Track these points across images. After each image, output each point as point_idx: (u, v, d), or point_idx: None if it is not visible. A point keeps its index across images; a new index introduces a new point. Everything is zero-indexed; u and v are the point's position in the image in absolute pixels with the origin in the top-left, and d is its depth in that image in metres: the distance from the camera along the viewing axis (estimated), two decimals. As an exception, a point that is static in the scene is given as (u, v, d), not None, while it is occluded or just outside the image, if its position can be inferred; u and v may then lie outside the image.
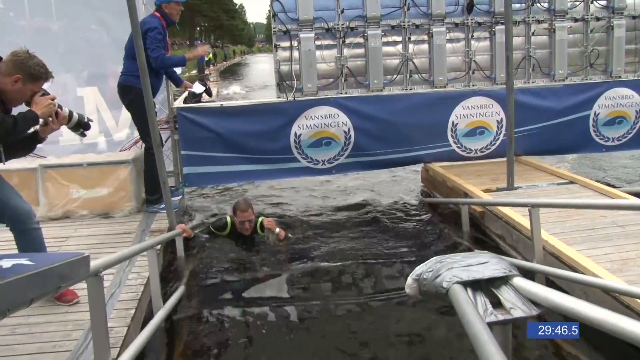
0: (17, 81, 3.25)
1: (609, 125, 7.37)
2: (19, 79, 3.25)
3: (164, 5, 5.78)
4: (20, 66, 3.24)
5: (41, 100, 3.43)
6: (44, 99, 3.44)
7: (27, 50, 3.32)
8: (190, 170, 6.47)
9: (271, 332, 3.99)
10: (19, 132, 3.36)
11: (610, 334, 1.39)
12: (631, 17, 7.36)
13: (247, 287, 4.76)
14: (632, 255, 4.21)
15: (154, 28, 5.56)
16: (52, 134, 3.68)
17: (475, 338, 1.45)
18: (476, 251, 2.21)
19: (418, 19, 6.91)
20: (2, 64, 3.23)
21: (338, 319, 4.18)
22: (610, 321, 1.41)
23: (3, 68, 3.23)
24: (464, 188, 6.12)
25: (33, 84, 3.34)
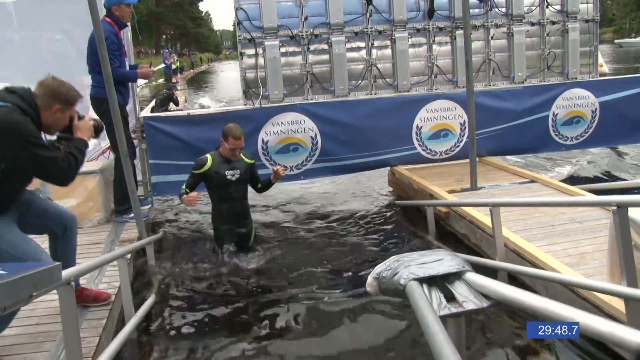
0: (57, 111, 3.24)
1: (567, 125, 7.61)
2: (58, 109, 3.25)
3: (114, 9, 5.68)
4: (56, 95, 3.22)
5: (83, 125, 3.48)
6: (85, 123, 3.50)
7: (52, 77, 3.30)
8: (159, 179, 6.49)
9: (244, 339, 4.04)
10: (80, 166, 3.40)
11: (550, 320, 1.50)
12: (584, 21, 7.63)
13: (218, 294, 4.80)
14: (589, 249, 4.38)
15: (106, 38, 5.46)
16: None
17: (427, 329, 1.54)
18: (432, 249, 2.31)
19: (380, 25, 7.05)
20: (38, 99, 3.18)
21: (309, 322, 4.24)
22: (552, 309, 1.52)
23: (41, 103, 3.18)
24: (430, 190, 6.25)
25: (70, 109, 3.35)
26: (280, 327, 4.19)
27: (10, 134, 2.96)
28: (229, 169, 5.23)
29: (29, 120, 3.05)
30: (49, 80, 3.25)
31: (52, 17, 6.46)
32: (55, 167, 3.16)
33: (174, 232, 6.64)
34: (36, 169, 3.19)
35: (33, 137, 3.04)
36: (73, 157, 3.29)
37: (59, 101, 3.23)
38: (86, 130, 3.49)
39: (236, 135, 5.12)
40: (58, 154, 3.23)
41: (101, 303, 3.88)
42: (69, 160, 3.25)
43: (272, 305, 4.50)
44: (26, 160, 3.08)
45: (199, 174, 5.21)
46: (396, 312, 4.17)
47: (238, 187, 5.35)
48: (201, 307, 4.56)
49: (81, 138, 3.44)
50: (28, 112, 3.08)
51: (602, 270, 3.78)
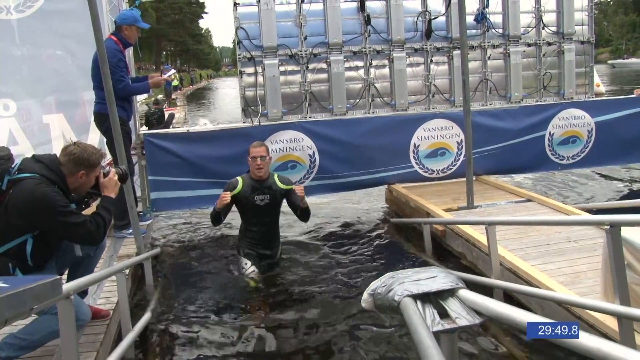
0: (82, 176, 3.37)
1: (563, 144, 7.68)
2: (83, 174, 3.37)
3: (125, 27, 5.76)
4: (80, 162, 3.33)
5: (109, 183, 3.58)
6: (110, 180, 3.59)
7: (74, 142, 3.43)
8: (158, 196, 6.54)
9: (240, 356, 4.05)
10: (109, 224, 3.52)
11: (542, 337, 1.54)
12: (580, 42, 7.73)
13: (214, 311, 4.81)
14: (583, 268, 4.41)
15: (114, 56, 5.52)
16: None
17: (420, 345, 1.58)
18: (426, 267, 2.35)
19: (379, 45, 7.14)
20: (63, 167, 3.30)
21: (307, 338, 4.25)
22: (543, 326, 1.55)
23: (66, 170, 3.31)
24: (427, 208, 6.30)
25: (94, 171, 3.45)
26: (276, 344, 4.20)
27: (39, 206, 3.11)
28: (259, 193, 5.14)
29: (55, 189, 3.20)
30: (72, 147, 3.36)
31: (55, 34, 6.53)
32: (84, 230, 3.28)
33: (172, 248, 6.66)
34: (66, 235, 3.33)
35: (60, 207, 3.17)
36: (101, 217, 3.40)
37: (82, 167, 3.35)
38: (112, 187, 3.59)
39: (256, 144, 5.17)
40: (85, 217, 3.34)
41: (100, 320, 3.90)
42: (97, 221, 3.36)
43: (269, 323, 4.51)
44: (56, 228, 3.22)
45: (234, 196, 5.13)
46: (391, 328, 4.19)
47: (268, 212, 5.25)
48: (198, 323, 4.57)
49: (108, 196, 3.56)
50: (55, 180, 3.23)
51: (597, 289, 3.82)
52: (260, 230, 5.28)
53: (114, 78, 5.42)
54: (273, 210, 5.26)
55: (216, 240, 6.86)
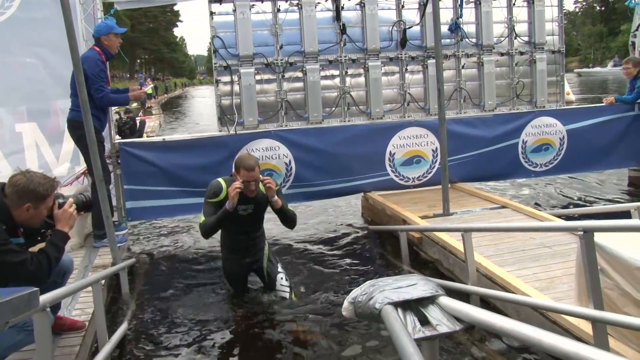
0: (28, 209, 3.10)
1: (536, 152, 7.80)
2: (29, 207, 3.10)
3: (103, 38, 5.77)
4: (24, 194, 3.07)
5: (63, 216, 3.31)
6: (64, 212, 3.32)
7: (23, 171, 3.17)
8: (134, 205, 6.48)
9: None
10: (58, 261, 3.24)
11: (520, 342, 1.57)
12: (551, 52, 7.89)
13: (195, 319, 4.77)
14: (558, 273, 4.48)
15: (96, 66, 5.57)
16: None
17: (402, 352, 1.59)
18: (406, 274, 2.37)
19: (354, 54, 7.19)
20: (7, 198, 3.06)
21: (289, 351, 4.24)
22: (521, 331, 1.58)
23: (10, 202, 3.07)
24: (403, 215, 6.33)
25: (43, 203, 3.18)
26: (255, 356, 4.18)
27: None
28: (242, 203, 4.61)
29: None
30: (18, 177, 3.12)
31: (27, 42, 6.43)
32: (24, 270, 3.01)
33: (149, 257, 6.60)
34: (4, 274, 2.99)
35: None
36: (45, 256, 3.13)
37: (28, 199, 3.10)
38: (65, 219, 3.31)
39: (249, 165, 4.49)
40: (26, 256, 3.06)
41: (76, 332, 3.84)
42: (39, 260, 3.08)
43: (247, 333, 4.49)
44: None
45: (217, 202, 4.65)
46: (372, 336, 4.20)
47: (251, 222, 4.86)
48: (176, 334, 4.52)
49: (60, 230, 3.28)
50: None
51: (571, 294, 3.87)
52: (242, 240, 4.91)
53: (94, 87, 5.49)
54: (256, 219, 4.90)
55: (193, 249, 6.82)
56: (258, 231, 5.02)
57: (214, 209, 4.63)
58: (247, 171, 4.48)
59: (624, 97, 8.00)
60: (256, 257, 5.02)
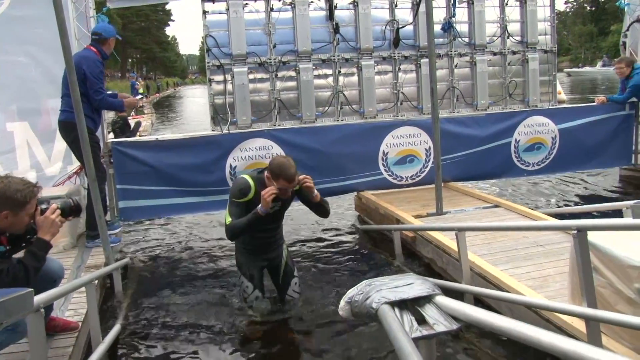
0: (7, 217, 2.97)
1: (529, 151, 7.84)
2: (8, 214, 2.97)
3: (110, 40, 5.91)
4: (1, 201, 2.94)
5: (44, 223, 3.15)
6: (45, 219, 3.15)
7: (1, 176, 3.05)
8: (126, 204, 6.46)
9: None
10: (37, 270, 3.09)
11: (517, 340, 1.57)
12: (543, 51, 7.92)
13: (190, 320, 4.75)
14: (551, 272, 4.50)
15: (96, 67, 5.64)
16: None
17: (400, 351, 1.60)
18: (402, 273, 2.37)
19: (347, 53, 7.20)
20: None
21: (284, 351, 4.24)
22: (519, 330, 1.59)
23: None
24: (396, 215, 6.34)
25: (24, 210, 3.04)
26: (251, 355, 4.18)
27: None
28: (272, 200, 4.23)
29: None
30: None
31: (18, 41, 6.40)
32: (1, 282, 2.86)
33: (142, 257, 6.59)
34: None
35: None
36: (22, 267, 3.00)
37: (5, 206, 2.97)
38: (47, 227, 3.15)
39: (290, 176, 4.13)
40: (3, 267, 2.93)
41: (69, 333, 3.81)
42: (14, 273, 2.95)
43: (243, 334, 4.48)
44: None
45: (244, 202, 4.32)
46: (369, 336, 4.20)
47: (276, 219, 4.61)
48: (170, 335, 4.51)
49: (40, 238, 3.12)
50: None
51: (564, 293, 3.89)
52: (264, 236, 4.62)
53: (94, 89, 5.57)
54: (281, 215, 4.66)
55: (187, 249, 6.81)
56: (279, 227, 4.78)
57: (241, 209, 4.29)
58: (287, 182, 4.14)
59: (615, 96, 8.04)
60: (275, 254, 4.77)
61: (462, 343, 4.04)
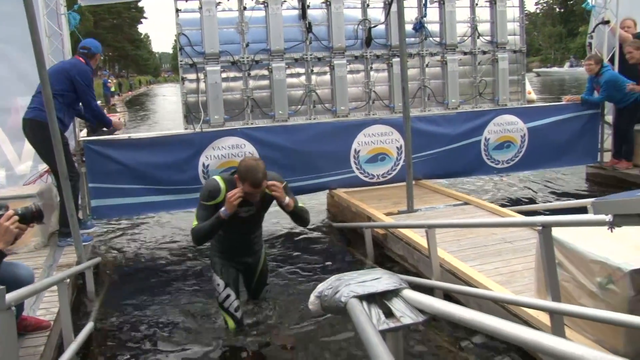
0: None
1: (498, 149, 7.97)
2: None
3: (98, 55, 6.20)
4: None
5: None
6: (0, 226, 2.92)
7: None
8: (99, 203, 6.41)
9: None
10: None
11: (480, 331, 1.64)
12: (512, 51, 8.08)
13: (163, 318, 4.75)
14: (519, 268, 4.60)
15: (88, 77, 5.86)
16: None
17: (367, 343, 1.65)
18: (371, 268, 2.43)
19: (320, 52, 7.25)
20: None
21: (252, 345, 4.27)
22: (481, 320, 1.65)
23: None
24: (368, 212, 6.40)
25: None
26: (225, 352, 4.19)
27: None
28: (243, 204, 3.99)
29: None
30: None
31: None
32: None
33: (115, 256, 6.55)
34: None
35: None
36: None
37: None
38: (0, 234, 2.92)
39: (255, 181, 3.79)
40: None
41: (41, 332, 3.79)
42: None
43: (215, 332, 4.48)
44: None
45: (214, 205, 4.01)
46: (338, 329, 4.25)
47: (252, 222, 4.32)
48: (143, 333, 4.51)
49: None
50: None
51: (531, 287, 3.99)
52: (241, 241, 4.39)
53: (90, 96, 5.88)
54: (259, 218, 4.38)
55: (160, 247, 6.79)
56: (258, 230, 4.49)
57: (209, 213, 3.98)
58: (252, 187, 3.81)
59: (591, 97, 8.19)
60: (252, 261, 4.51)
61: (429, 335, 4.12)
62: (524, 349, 3.57)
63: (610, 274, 3.02)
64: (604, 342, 3.13)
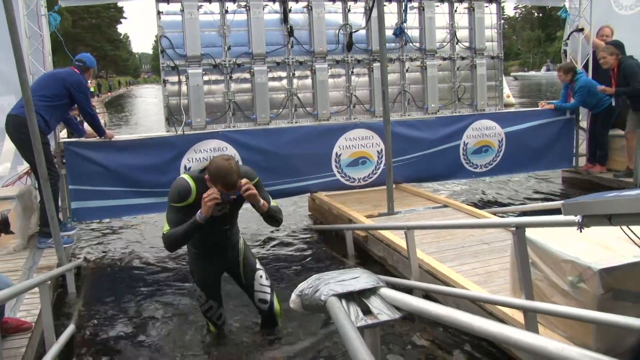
0: None
1: (477, 153, 8.12)
2: None
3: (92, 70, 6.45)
4: None
5: None
6: None
7: None
8: (79, 205, 6.41)
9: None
10: None
11: (453, 326, 1.73)
12: (490, 57, 8.23)
13: (142, 317, 4.79)
14: (495, 268, 4.72)
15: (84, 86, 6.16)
16: None
17: (345, 339, 1.73)
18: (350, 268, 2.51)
19: (301, 56, 7.32)
20: None
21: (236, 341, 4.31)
22: (454, 316, 1.74)
23: None
24: (348, 215, 6.49)
25: None
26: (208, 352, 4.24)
27: None
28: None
29: None
30: None
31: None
32: None
33: (96, 258, 6.56)
34: None
35: None
36: None
37: None
38: None
39: (228, 183, 3.51)
40: None
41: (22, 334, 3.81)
42: None
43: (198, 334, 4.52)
44: None
45: (184, 206, 3.66)
46: (318, 325, 4.34)
47: (225, 221, 3.98)
48: (123, 334, 4.54)
49: None
50: None
51: (507, 287, 4.11)
52: (216, 239, 4.03)
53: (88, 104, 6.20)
54: (233, 215, 4.06)
55: (142, 249, 6.81)
56: (233, 226, 4.16)
57: (180, 215, 3.65)
58: (225, 189, 3.54)
59: (566, 104, 8.35)
60: (231, 254, 4.19)
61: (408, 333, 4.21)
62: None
63: (581, 272, 3.14)
64: (575, 338, 3.24)
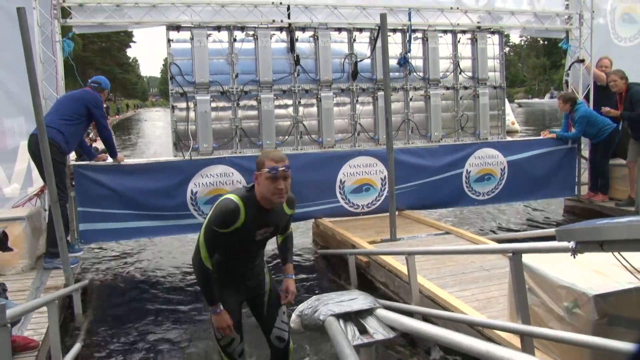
0: None
1: (479, 181, 8.21)
2: None
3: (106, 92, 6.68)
4: None
5: None
6: None
7: None
8: (87, 227, 6.52)
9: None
10: None
11: (446, 345, 1.82)
12: (493, 87, 8.38)
13: (147, 339, 4.86)
14: (495, 294, 4.79)
15: (100, 103, 6.43)
16: None
17: (342, 357, 1.83)
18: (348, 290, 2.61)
19: (307, 84, 7.48)
20: None
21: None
22: (448, 336, 1.84)
23: None
24: (352, 240, 6.57)
25: None
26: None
27: None
28: (262, 226, 3.21)
29: None
30: None
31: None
32: None
33: (101, 279, 6.64)
34: None
35: None
36: None
37: None
38: None
39: (276, 157, 3.17)
40: None
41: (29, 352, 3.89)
42: None
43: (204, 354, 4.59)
44: None
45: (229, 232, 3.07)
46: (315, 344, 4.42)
47: (261, 245, 3.44)
48: (129, 354, 4.61)
49: None
50: None
51: (506, 312, 4.17)
52: (244, 264, 3.40)
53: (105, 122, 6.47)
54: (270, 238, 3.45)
55: (148, 271, 6.90)
56: (262, 253, 3.60)
57: (223, 241, 3.11)
58: (274, 161, 3.11)
59: (566, 134, 8.48)
60: (254, 283, 3.50)
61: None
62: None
63: (576, 298, 3.21)
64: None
